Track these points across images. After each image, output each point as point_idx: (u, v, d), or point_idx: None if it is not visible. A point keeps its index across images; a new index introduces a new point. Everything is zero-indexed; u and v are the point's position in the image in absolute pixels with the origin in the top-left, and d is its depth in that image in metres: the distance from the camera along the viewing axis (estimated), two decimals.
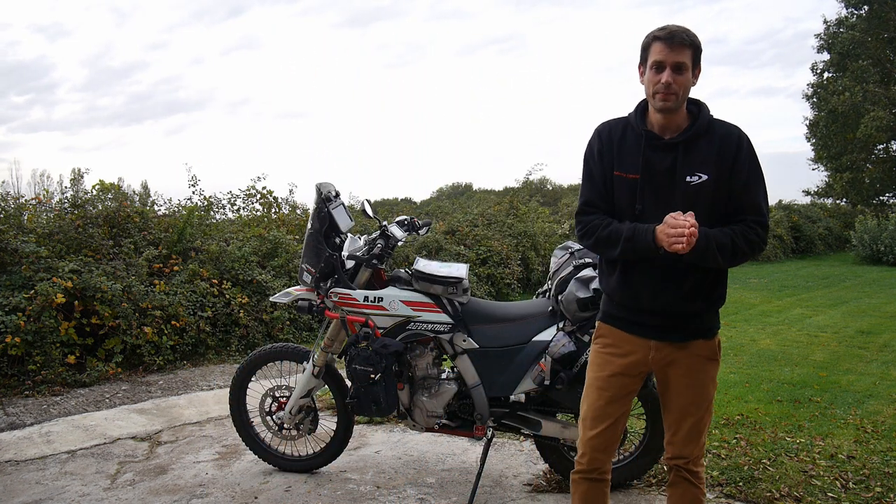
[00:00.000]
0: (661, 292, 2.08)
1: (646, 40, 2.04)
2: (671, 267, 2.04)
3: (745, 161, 2.02)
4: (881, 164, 22.35)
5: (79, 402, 4.78)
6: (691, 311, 2.10)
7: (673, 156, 2.03)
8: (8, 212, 6.20)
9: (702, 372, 2.15)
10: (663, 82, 1.96)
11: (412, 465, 3.62)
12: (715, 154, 2.02)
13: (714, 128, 2.05)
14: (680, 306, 2.08)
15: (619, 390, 2.20)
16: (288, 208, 9.46)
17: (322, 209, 3.24)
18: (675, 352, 2.14)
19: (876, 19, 20.48)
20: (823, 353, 6.12)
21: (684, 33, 1.98)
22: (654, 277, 2.08)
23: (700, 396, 2.16)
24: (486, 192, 32.94)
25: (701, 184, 2.01)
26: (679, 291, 2.07)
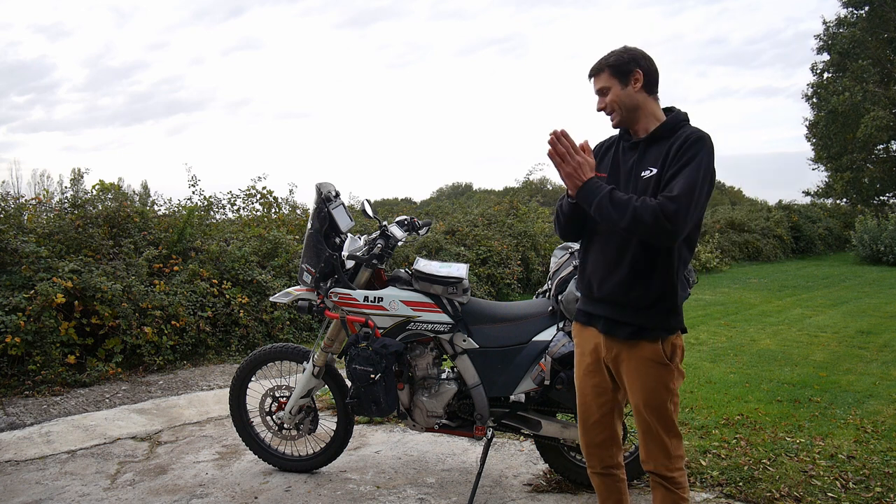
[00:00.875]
0: (606, 278, 2.20)
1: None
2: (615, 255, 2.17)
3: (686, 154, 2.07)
4: (881, 164, 22.34)
5: (79, 402, 4.78)
6: (632, 302, 2.15)
7: (636, 154, 2.20)
8: (8, 212, 6.19)
9: (649, 376, 2.16)
10: (598, 109, 2.24)
11: (412, 465, 3.62)
12: (665, 152, 2.12)
13: (677, 131, 2.15)
14: (621, 294, 2.16)
15: (594, 388, 2.31)
16: (288, 208, 9.46)
17: (322, 209, 3.24)
18: (622, 350, 2.21)
19: (876, 19, 20.47)
20: (823, 353, 6.12)
21: (597, 62, 2.22)
22: (600, 264, 2.22)
23: (650, 400, 2.17)
24: (486, 192, 32.94)
25: (650, 178, 2.12)
26: (620, 277, 2.16)
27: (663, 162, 2.10)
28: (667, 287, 2.14)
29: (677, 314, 2.18)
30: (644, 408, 2.18)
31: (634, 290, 2.14)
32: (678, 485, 2.22)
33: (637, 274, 2.14)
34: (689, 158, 2.05)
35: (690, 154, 2.05)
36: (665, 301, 2.14)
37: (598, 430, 2.34)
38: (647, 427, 2.20)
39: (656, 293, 2.14)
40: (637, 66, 2.16)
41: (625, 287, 2.15)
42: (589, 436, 2.35)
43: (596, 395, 2.31)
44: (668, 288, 2.14)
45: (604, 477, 2.39)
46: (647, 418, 2.19)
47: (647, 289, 2.14)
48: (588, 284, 2.28)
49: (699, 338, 6.86)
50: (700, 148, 2.06)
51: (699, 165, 2.03)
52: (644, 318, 2.15)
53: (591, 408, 2.33)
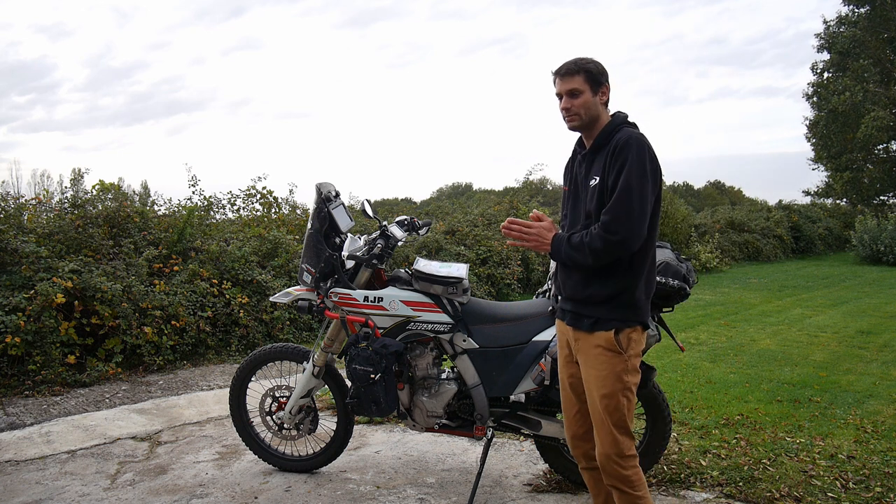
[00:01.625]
0: (567, 278, 2.36)
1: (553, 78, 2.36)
2: None
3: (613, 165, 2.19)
4: (881, 164, 22.33)
5: (79, 402, 4.78)
6: (588, 299, 2.28)
7: (585, 164, 2.34)
8: (8, 212, 6.19)
9: (602, 363, 2.26)
10: (562, 108, 2.31)
11: (412, 465, 3.62)
12: (604, 161, 2.24)
13: (614, 136, 2.25)
14: (579, 292, 2.31)
15: (569, 378, 2.43)
16: (288, 208, 9.46)
17: (322, 209, 3.24)
18: (582, 341, 2.32)
19: (877, 18, 20.46)
20: (823, 353, 6.12)
21: (573, 63, 2.28)
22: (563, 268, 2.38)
23: (602, 389, 2.24)
24: (486, 192, 32.92)
25: (595, 186, 2.25)
26: (577, 277, 2.31)
27: (603, 169, 2.23)
28: (622, 284, 2.25)
29: (636, 308, 2.27)
30: (597, 397, 2.26)
31: (590, 287, 2.28)
32: (633, 484, 2.27)
33: (588, 275, 2.28)
34: (621, 165, 2.17)
35: (621, 160, 2.17)
36: (622, 296, 2.25)
37: (579, 422, 2.45)
38: (601, 420, 2.27)
39: (612, 290, 2.25)
40: (607, 80, 2.30)
41: (581, 286, 2.31)
42: (572, 428, 2.48)
43: (573, 387, 2.44)
44: (624, 285, 2.25)
45: (591, 472, 2.49)
46: (599, 410, 2.26)
47: (602, 286, 2.26)
48: (558, 284, 2.46)
49: (699, 338, 6.86)
50: (628, 152, 2.16)
51: (630, 168, 2.14)
52: (601, 310, 2.27)
53: (570, 399, 2.46)
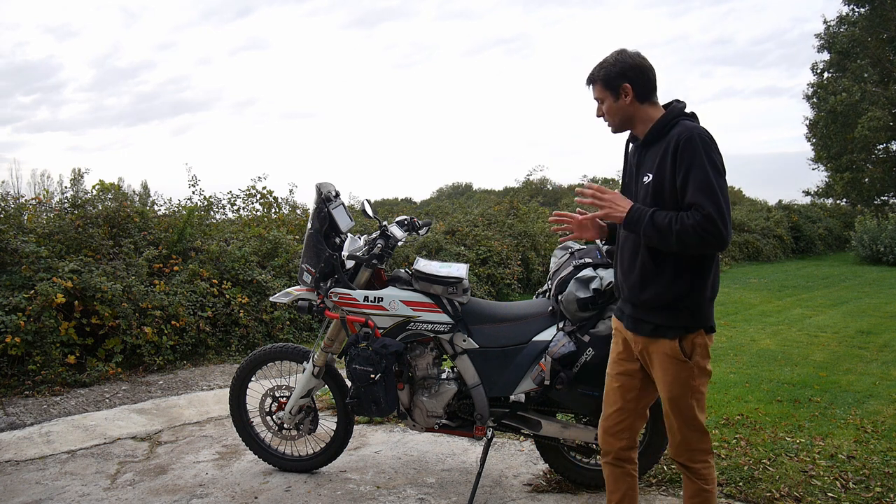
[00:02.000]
0: (625, 281, 2.32)
1: None
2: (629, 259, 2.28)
3: (682, 160, 2.07)
4: (881, 165, 22.31)
5: (79, 402, 4.78)
6: (646, 302, 2.23)
7: (637, 157, 2.31)
8: (8, 212, 6.19)
9: (668, 371, 2.23)
10: (597, 116, 2.33)
11: (412, 465, 3.62)
12: (660, 156, 2.15)
13: (669, 131, 2.16)
14: (635, 296, 2.26)
15: (623, 374, 2.39)
16: (288, 208, 9.46)
17: (322, 209, 3.24)
18: (647, 346, 2.28)
19: (877, 18, 20.45)
20: (823, 353, 6.12)
21: (591, 73, 2.28)
22: (620, 267, 2.35)
23: (670, 394, 2.24)
24: (487, 192, 32.92)
25: (648, 184, 2.20)
26: (633, 280, 2.26)
27: (660, 167, 2.13)
28: (682, 288, 2.16)
29: (699, 313, 2.18)
30: (666, 401, 2.27)
31: (646, 291, 2.22)
32: (700, 476, 2.29)
33: (646, 277, 2.21)
34: (690, 162, 2.05)
35: (689, 157, 2.06)
36: (682, 301, 2.17)
37: (617, 418, 2.41)
38: (669, 420, 2.30)
39: (671, 294, 2.17)
40: (625, 80, 2.19)
41: (637, 289, 2.25)
42: (608, 422, 2.43)
43: (621, 383, 2.40)
44: (684, 288, 2.16)
45: (614, 467, 2.45)
46: (669, 412, 2.28)
47: (659, 290, 2.19)
48: (617, 285, 2.42)
49: None
50: (694, 148, 2.06)
51: (702, 165, 2.04)
52: (661, 317, 2.21)
53: (614, 395, 2.42)
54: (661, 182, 2.13)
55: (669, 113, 2.20)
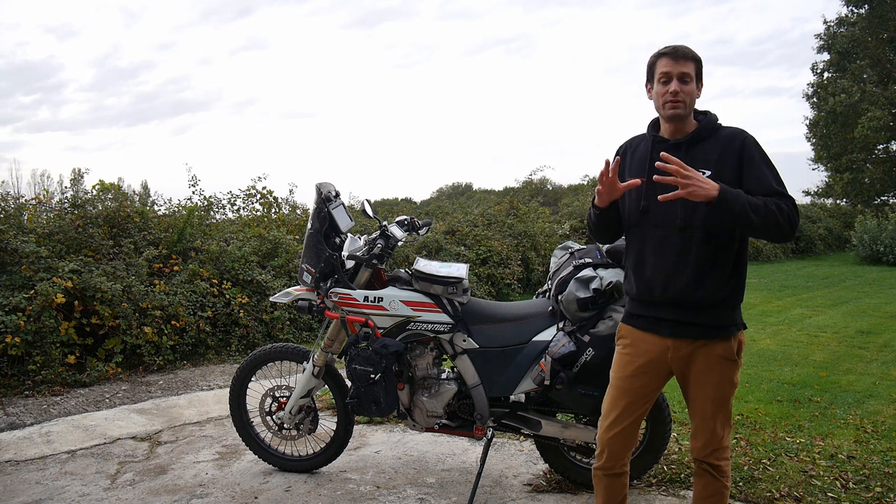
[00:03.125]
0: (671, 281, 2.18)
1: (651, 59, 2.24)
2: (676, 256, 2.17)
3: (751, 153, 2.14)
4: (881, 165, 22.32)
5: (79, 402, 4.78)
6: (700, 301, 2.17)
7: (677, 155, 2.13)
8: (8, 212, 6.19)
9: (718, 372, 2.21)
10: (671, 91, 2.15)
11: (412, 465, 3.62)
12: (718, 153, 2.15)
13: (719, 131, 2.20)
14: (689, 295, 2.17)
15: (640, 389, 2.30)
16: (288, 208, 9.46)
17: (322, 209, 3.24)
18: (692, 351, 2.22)
19: (876, 18, 20.46)
20: (823, 353, 6.12)
21: (687, 49, 2.19)
22: (662, 267, 2.20)
23: (717, 396, 2.22)
24: (487, 192, 32.92)
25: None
26: (686, 279, 2.16)
27: (719, 164, 2.13)
28: (732, 284, 2.19)
29: (740, 310, 2.25)
30: (709, 403, 2.23)
31: (701, 289, 2.16)
32: (723, 473, 2.29)
33: (702, 274, 2.16)
34: (762, 160, 2.13)
35: (758, 155, 2.14)
36: (732, 297, 2.20)
37: (626, 432, 2.33)
38: (709, 421, 2.24)
39: (724, 291, 2.18)
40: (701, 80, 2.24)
41: (691, 288, 2.17)
42: (617, 438, 2.33)
43: (636, 398, 2.30)
44: (734, 284, 2.20)
45: (616, 478, 2.40)
46: (711, 412, 2.23)
47: (714, 288, 2.17)
48: (648, 288, 2.25)
49: None
50: (756, 145, 2.16)
51: (768, 161, 2.14)
52: (712, 316, 2.19)
53: (626, 410, 2.30)
54: (723, 177, 2.11)
55: (711, 116, 2.25)
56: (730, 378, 2.23)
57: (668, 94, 2.16)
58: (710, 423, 2.24)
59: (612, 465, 2.36)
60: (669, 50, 2.19)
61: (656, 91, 2.21)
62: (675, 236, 2.17)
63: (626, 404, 2.31)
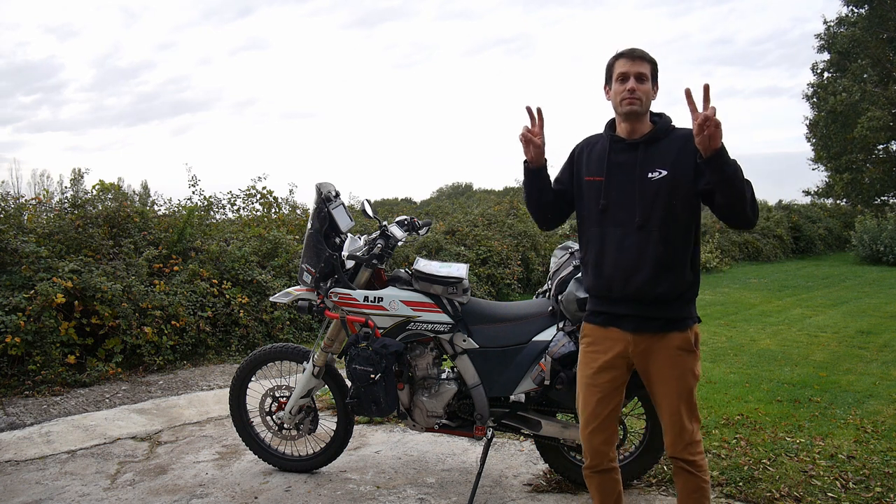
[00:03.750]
0: (631, 277, 2.25)
1: (610, 61, 2.33)
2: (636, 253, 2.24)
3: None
4: (881, 165, 22.31)
5: (79, 402, 4.78)
6: (661, 297, 2.24)
7: (634, 155, 2.27)
8: (8, 212, 6.19)
9: (679, 365, 2.27)
10: (629, 88, 2.23)
11: (412, 465, 3.62)
12: (674, 154, 2.23)
13: (674, 131, 2.28)
14: (650, 291, 2.24)
15: (608, 384, 2.36)
16: (288, 208, 9.46)
17: (322, 209, 3.24)
18: (651, 344, 2.28)
19: (876, 18, 20.45)
20: (823, 353, 6.12)
21: (643, 51, 2.28)
22: (621, 264, 2.27)
23: (679, 387, 2.28)
24: (487, 192, 32.93)
25: (660, 179, 2.22)
26: (646, 275, 2.23)
27: (675, 163, 2.20)
28: (689, 278, 2.27)
29: (694, 304, 2.32)
30: (675, 396, 2.27)
31: (661, 285, 2.23)
32: (699, 468, 2.31)
33: (661, 270, 2.23)
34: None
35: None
36: (689, 292, 2.29)
37: (602, 428, 2.38)
38: (676, 415, 2.28)
39: (682, 286, 2.26)
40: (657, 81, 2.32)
41: (652, 284, 2.23)
42: (594, 435, 2.39)
43: (606, 393, 2.36)
44: (691, 279, 2.28)
45: (605, 474, 2.44)
46: (677, 406, 2.27)
47: (673, 283, 2.24)
48: (608, 286, 2.31)
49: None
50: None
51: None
52: (672, 310, 2.26)
53: (600, 403, 2.36)
54: (679, 177, 2.20)
55: (666, 118, 2.33)
56: (691, 369, 2.29)
57: (625, 92, 2.23)
58: (678, 417, 2.29)
59: (597, 463, 2.41)
60: (626, 51, 2.28)
61: (614, 90, 2.29)
62: (633, 235, 2.24)
63: (598, 400, 2.36)
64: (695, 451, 2.30)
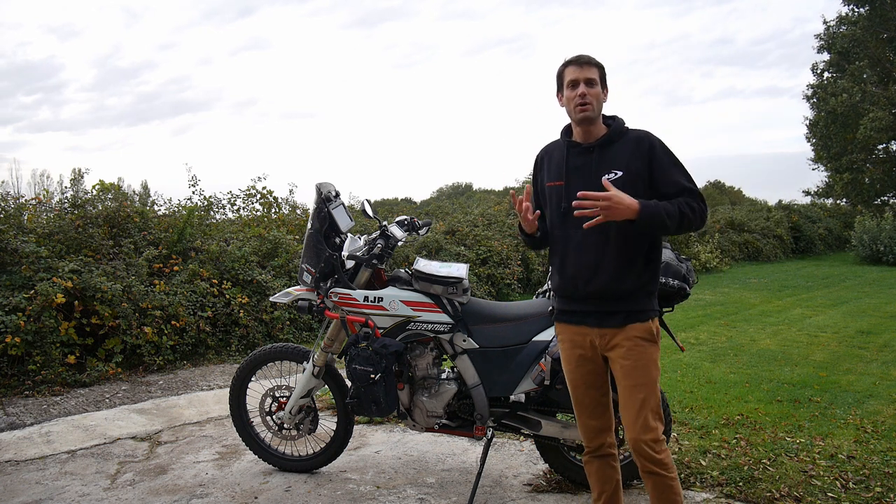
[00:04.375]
0: (594, 277, 2.34)
1: (559, 69, 2.41)
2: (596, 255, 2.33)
3: (660, 155, 2.32)
4: (881, 165, 22.32)
5: (79, 402, 4.78)
6: (623, 292, 2.33)
7: (591, 158, 2.37)
8: (8, 212, 6.19)
9: (641, 354, 2.33)
10: (579, 94, 2.31)
11: (412, 465, 3.62)
12: (628, 155, 2.32)
13: (627, 133, 2.38)
14: (613, 288, 2.33)
15: (587, 376, 2.46)
16: (288, 208, 9.46)
17: (322, 209, 3.24)
18: (614, 337, 2.36)
19: (876, 18, 20.45)
20: (823, 353, 6.12)
21: (589, 56, 2.37)
22: (585, 264, 2.35)
23: (642, 377, 2.33)
24: (486, 192, 32.93)
25: (616, 180, 2.29)
26: (608, 274, 2.32)
27: (630, 165, 2.30)
28: (649, 272, 2.37)
29: (656, 297, 2.43)
30: (639, 386, 2.32)
31: (623, 282, 2.33)
32: (665, 465, 2.33)
33: (622, 267, 2.32)
34: (669, 159, 2.32)
35: (665, 154, 2.32)
36: (649, 285, 2.38)
37: (597, 415, 2.49)
38: (638, 409, 2.31)
39: (644, 280, 2.36)
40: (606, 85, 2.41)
41: (614, 281, 2.32)
42: (589, 422, 2.50)
43: (588, 386, 2.47)
44: (651, 275, 2.38)
45: (601, 459, 2.52)
46: (638, 398, 2.32)
47: (634, 278, 2.34)
48: (572, 284, 2.41)
49: (699, 338, 6.86)
50: (663, 145, 2.34)
51: (676, 159, 2.33)
52: (633, 303, 2.35)
53: (587, 396, 2.48)
54: (634, 177, 2.30)
55: (619, 120, 2.41)
56: (652, 358, 2.35)
57: (576, 98, 2.32)
58: (643, 412, 2.31)
59: (595, 447, 2.51)
60: (574, 58, 2.36)
61: (566, 97, 2.37)
62: (594, 235, 2.31)
63: (584, 391, 2.48)
64: (658, 449, 2.32)
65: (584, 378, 2.46)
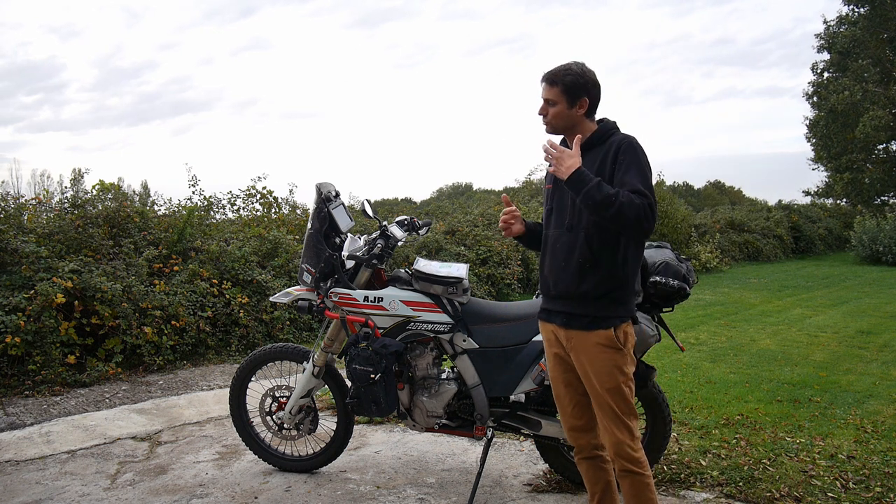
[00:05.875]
0: (559, 276, 2.38)
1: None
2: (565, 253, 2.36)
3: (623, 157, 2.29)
4: (881, 165, 22.30)
5: (79, 402, 4.78)
6: (585, 295, 2.33)
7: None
8: (8, 212, 6.19)
9: (604, 361, 2.33)
10: (539, 113, 2.43)
11: (412, 465, 3.62)
12: (601, 158, 2.34)
13: (611, 137, 2.38)
14: (573, 288, 2.35)
15: (564, 375, 2.48)
16: (288, 208, 9.46)
17: (322, 209, 3.24)
18: (578, 341, 2.37)
19: (877, 17, 20.44)
20: (823, 353, 6.12)
21: (555, 73, 2.37)
22: (554, 264, 2.40)
23: (611, 386, 2.33)
24: (487, 192, 32.91)
25: None
26: (571, 274, 2.34)
27: (600, 168, 2.30)
28: (615, 280, 2.33)
29: (629, 304, 2.38)
30: (603, 392, 2.33)
31: (585, 284, 2.33)
32: (644, 465, 2.36)
33: (585, 269, 2.33)
34: (631, 160, 2.27)
35: (630, 156, 2.28)
36: (615, 292, 2.34)
37: (577, 415, 2.50)
38: (610, 411, 2.34)
39: (606, 286, 2.32)
40: (586, 94, 2.36)
41: (576, 282, 2.34)
42: (570, 421, 2.53)
43: (566, 384, 2.49)
44: (617, 281, 2.33)
45: (590, 461, 2.53)
46: (607, 401, 2.33)
47: (596, 282, 2.32)
48: (546, 283, 2.46)
49: (699, 338, 6.86)
50: (634, 150, 2.29)
51: (640, 164, 2.27)
52: (597, 308, 2.34)
53: (566, 395, 2.51)
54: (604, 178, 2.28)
55: (606, 124, 2.42)
56: (618, 365, 2.33)
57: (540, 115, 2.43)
58: (609, 413, 2.34)
59: (580, 448, 2.53)
60: (543, 75, 2.41)
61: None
62: (565, 235, 2.37)
63: (562, 389, 2.51)
64: (636, 447, 2.35)
65: (561, 377, 2.49)
